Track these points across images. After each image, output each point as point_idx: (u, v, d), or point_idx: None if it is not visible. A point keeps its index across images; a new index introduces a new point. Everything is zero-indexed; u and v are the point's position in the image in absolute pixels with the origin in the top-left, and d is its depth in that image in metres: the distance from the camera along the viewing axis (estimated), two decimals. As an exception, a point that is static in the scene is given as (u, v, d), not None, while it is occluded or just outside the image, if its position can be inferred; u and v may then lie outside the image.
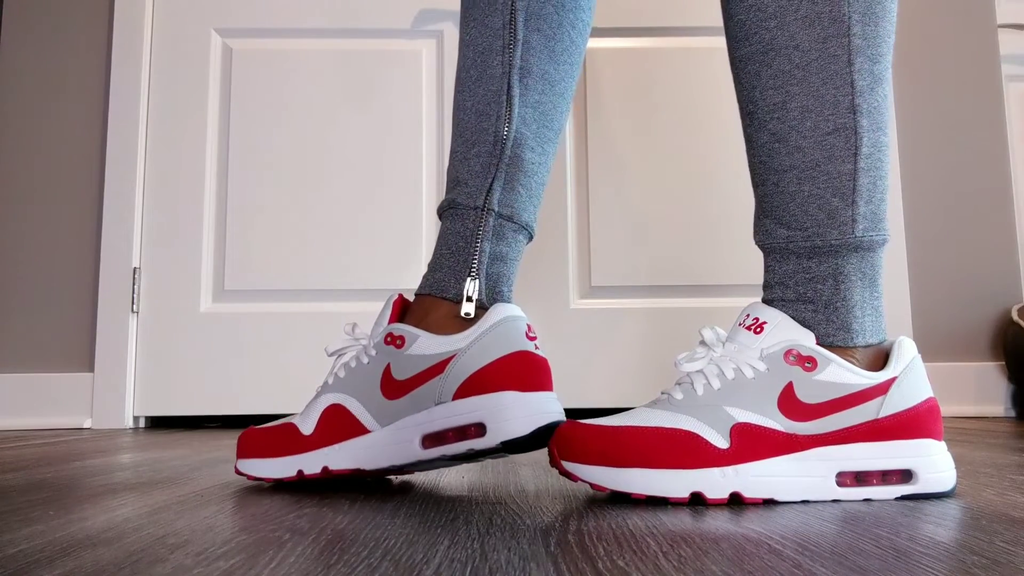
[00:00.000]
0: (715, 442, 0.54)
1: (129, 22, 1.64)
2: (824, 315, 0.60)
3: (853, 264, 0.61)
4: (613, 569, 0.36)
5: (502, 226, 0.66)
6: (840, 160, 0.61)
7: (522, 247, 0.69)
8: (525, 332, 0.61)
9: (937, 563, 0.36)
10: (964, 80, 1.69)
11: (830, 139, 0.61)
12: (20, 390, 1.55)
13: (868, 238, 0.61)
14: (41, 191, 1.62)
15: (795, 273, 0.62)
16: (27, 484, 0.67)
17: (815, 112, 0.62)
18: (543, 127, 0.70)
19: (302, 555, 0.39)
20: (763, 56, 0.64)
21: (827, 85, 0.62)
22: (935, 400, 0.59)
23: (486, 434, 0.58)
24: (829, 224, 0.61)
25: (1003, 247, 1.66)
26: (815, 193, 0.62)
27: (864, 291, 0.61)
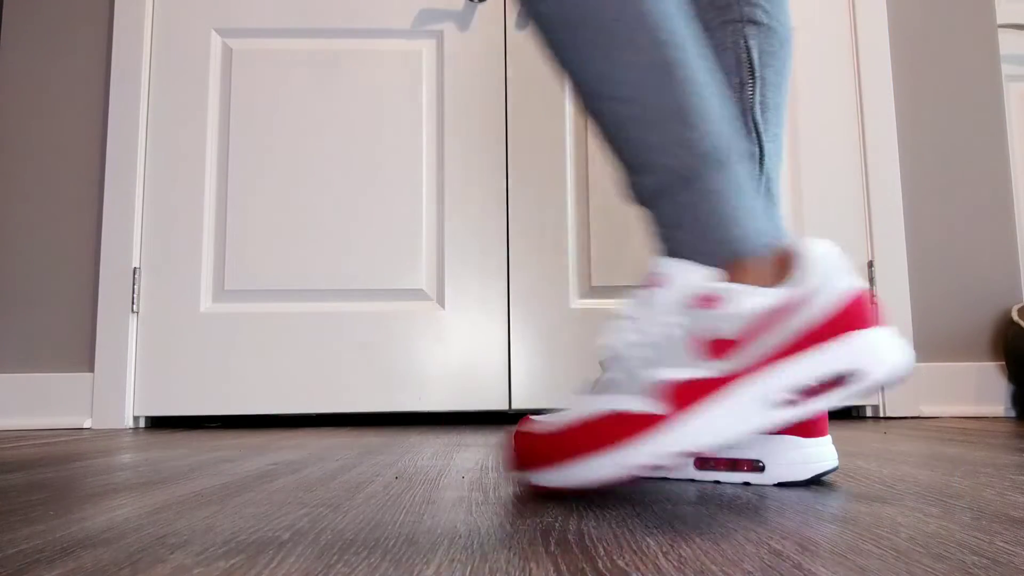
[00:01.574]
0: (647, 409, 0.53)
1: (129, 22, 1.64)
2: (703, 235, 0.58)
3: (713, 180, 0.58)
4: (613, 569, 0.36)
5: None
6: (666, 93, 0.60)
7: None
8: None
9: (937, 563, 0.36)
10: (964, 80, 1.69)
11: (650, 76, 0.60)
12: (20, 390, 1.55)
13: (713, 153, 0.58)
14: (41, 191, 1.62)
15: (668, 211, 0.60)
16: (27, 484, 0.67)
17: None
18: (779, 157, 0.73)
19: (302, 555, 0.39)
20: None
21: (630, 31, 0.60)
22: (856, 292, 0.53)
23: (764, 472, 0.61)
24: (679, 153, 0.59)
25: (1003, 247, 1.66)
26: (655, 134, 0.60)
27: (734, 201, 0.58)
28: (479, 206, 1.63)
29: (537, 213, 1.63)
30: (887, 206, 1.64)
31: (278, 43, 1.67)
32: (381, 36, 1.67)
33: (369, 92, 1.65)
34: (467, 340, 1.59)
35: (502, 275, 1.61)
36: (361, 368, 1.58)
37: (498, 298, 1.61)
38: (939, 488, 0.60)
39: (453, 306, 1.60)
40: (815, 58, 1.69)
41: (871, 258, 1.64)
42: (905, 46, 1.70)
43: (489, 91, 1.66)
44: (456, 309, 1.60)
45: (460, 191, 1.63)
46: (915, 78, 1.69)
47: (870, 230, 1.65)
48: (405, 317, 1.59)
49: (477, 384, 1.58)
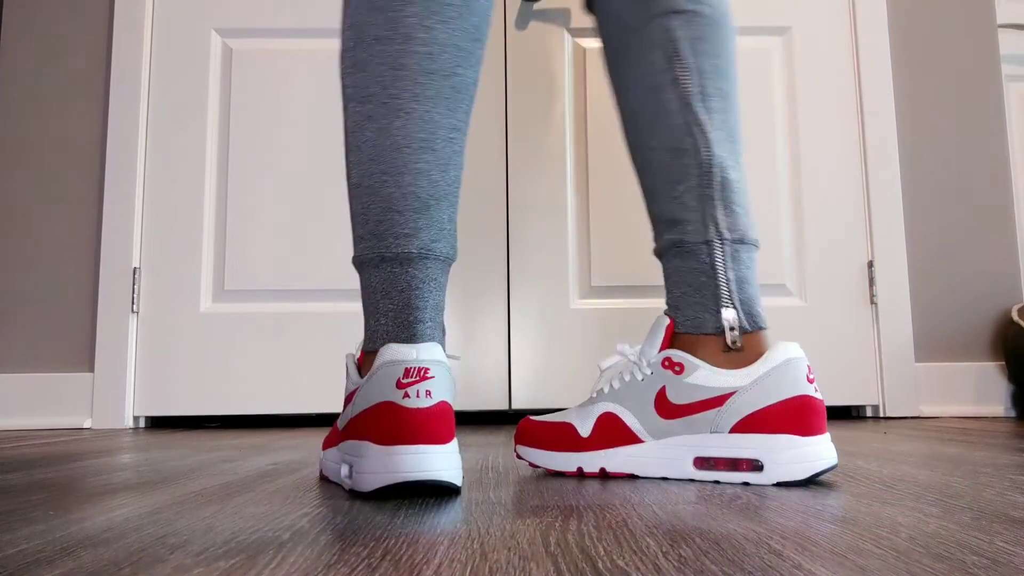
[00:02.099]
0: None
1: (129, 22, 1.64)
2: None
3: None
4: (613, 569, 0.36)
5: (737, 251, 0.69)
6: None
7: (756, 263, 0.72)
8: (806, 374, 0.64)
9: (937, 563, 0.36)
10: (964, 80, 1.69)
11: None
12: (20, 390, 1.55)
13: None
14: (41, 191, 1.62)
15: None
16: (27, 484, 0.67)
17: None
18: (733, 143, 0.73)
19: (302, 555, 0.39)
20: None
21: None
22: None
23: (763, 471, 0.63)
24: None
25: (1003, 247, 1.66)
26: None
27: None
28: (479, 206, 1.63)
29: (537, 213, 1.63)
30: (887, 206, 1.64)
31: (278, 43, 1.67)
32: (381, 36, 1.67)
33: (369, 92, 1.65)
34: (467, 340, 1.59)
35: (502, 275, 1.61)
36: (361, 368, 1.57)
37: (498, 298, 1.61)
38: (939, 488, 0.60)
39: (453, 306, 1.60)
40: (815, 58, 1.69)
41: (871, 258, 1.64)
42: (905, 46, 1.70)
43: (489, 91, 1.66)
44: (456, 309, 1.60)
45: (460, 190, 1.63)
46: (915, 78, 1.69)
47: (870, 230, 1.65)
48: (405, 317, 1.59)
49: (477, 384, 1.58)
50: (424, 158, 0.66)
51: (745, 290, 0.69)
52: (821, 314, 1.62)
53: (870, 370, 1.61)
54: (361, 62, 0.67)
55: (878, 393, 1.60)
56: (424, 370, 0.58)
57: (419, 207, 0.66)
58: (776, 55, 1.70)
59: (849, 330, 1.62)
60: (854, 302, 1.63)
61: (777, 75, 1.69)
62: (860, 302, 1.63)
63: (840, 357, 1.61)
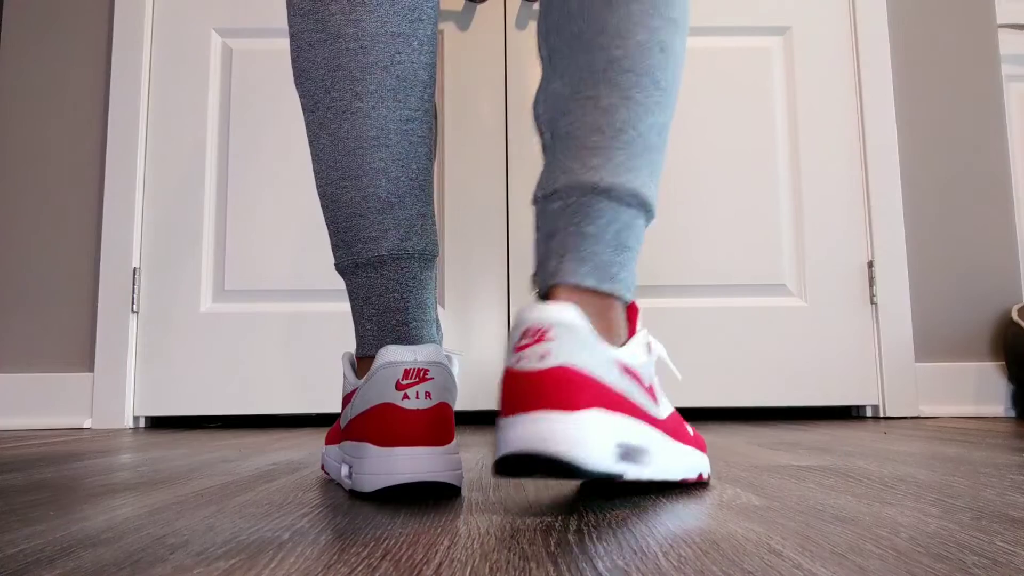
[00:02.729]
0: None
1: (129, 22, 1.64)
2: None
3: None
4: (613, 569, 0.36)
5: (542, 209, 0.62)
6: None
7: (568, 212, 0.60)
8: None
9: (937, 563, 0.36)
10: (964, 80, 1.69)
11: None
12: (20, 390, 1.55)
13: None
14: (41, 191, 1.62)
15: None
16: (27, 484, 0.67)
17: None
18: (577, 86, 0.64)
19: (302, 555, 0.39)
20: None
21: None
22: (378, 405, 0.58)
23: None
24: None
25: (1003, 247, 1.66)
26: None
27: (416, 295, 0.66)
28: (479, 205, 1.63)
29: (537, 213, 1.63)
30: (887, 206, 1.64)
31: (278, 43, 1.67)
32: (381, 36, 1.67)
33: (369, 92, 1.65)
34: (467, 340, 1.59)
35: (502, 275, 1.61)
36: (361, 368, 1.57)
37: (498, 298, 1.61)
38: (939, 488, 0.60)
39: (453, 306, 1.60)
40: (815, 58, 1.69)
41: (871, 258, 1.64)
42: (905, 46, 1.70)
43: (489, 90, 1.66)
44: (456, 309, 1.60)
45: (460, 190, 1.63)
46: (915, 78, 1.69)
47: (870, 230, 1.64)
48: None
49: (477, 384, 1.58)
50: (379, 156, 0.64)
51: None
52: (821, 314, 1.62)
53: (870, 370, 1.61)
54: (304, 70, 0.65)
55: (878, 393, 1.60)
56: (423, 371, 0.57)
57: (382, 207, 0.64)
58: (776, 55, 1.70)
59: (849, 330, 1.62)
60: (854, 302, 1.63)
61: (777, 75, 1.69)
62: (860, 302, 1.63)
63: (840, 357, 1.61)
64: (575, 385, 0.48)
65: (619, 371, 0.51)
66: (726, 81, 1.68)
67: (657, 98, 0.60)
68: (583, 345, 0.49)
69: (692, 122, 1.67)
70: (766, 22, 1.70)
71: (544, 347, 0.49)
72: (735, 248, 1.63)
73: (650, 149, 0.60)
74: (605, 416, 0.49)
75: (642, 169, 0.59)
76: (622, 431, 0.50)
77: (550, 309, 0.50)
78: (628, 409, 0.51)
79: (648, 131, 0.60)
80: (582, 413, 0.47)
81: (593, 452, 0.47)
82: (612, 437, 0.48)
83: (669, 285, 1.62)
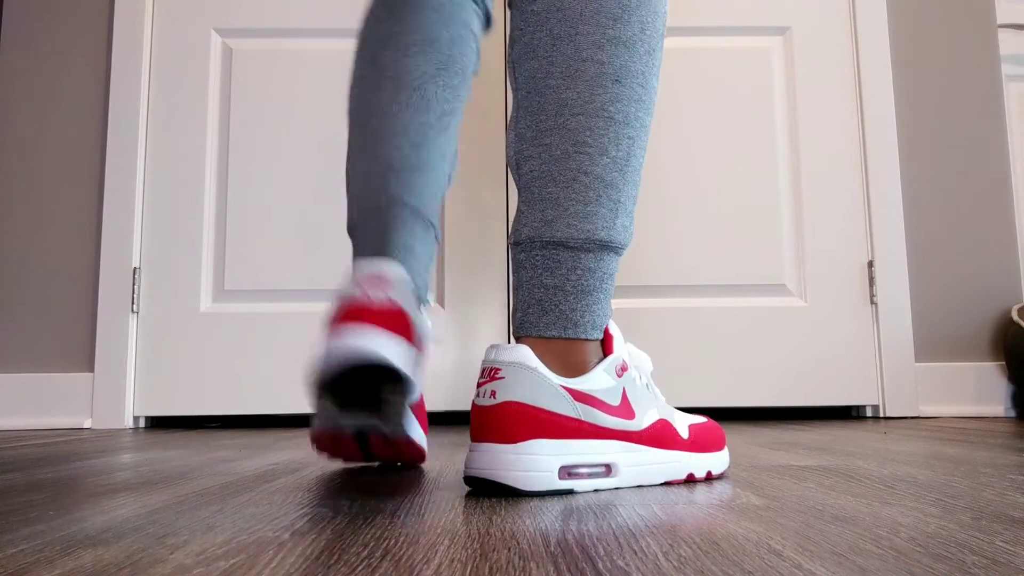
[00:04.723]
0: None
1: (129, 22, 1.64)
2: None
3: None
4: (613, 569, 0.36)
5: (515, 254, 0.68)
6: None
7: (557, 263, 0.64)
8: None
9: (937, 563, 0.36)
10: (964, 80, 1.69)
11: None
12: (20, 390, 1.55)
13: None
14: (41, 191, 1.62)
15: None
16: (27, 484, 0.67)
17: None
18: (539, 133, 0.69)
19: (302, 555, 0.39)
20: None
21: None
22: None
23: None
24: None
25: (1003, 247, 1.66)
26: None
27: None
28: (479, 205, 1.63)
29: (537, 213, 1.63)
30: (887, 206, 1.64)
31: (278, 43, 1.67)
32: (381, 36, 1.67)
33: (369, 92, 1.65)
34: (467, 340, 1.59)
35: (502, 275, 1.61)
36: (361, 368, 1.57)
37: (498, 298, 1.61)
38: (939, 488, 0.60)
39: (453, 306, 1.60)
40: (815, 58, 1.69)
41: (871, 258, 1.64)
42: (905, 46, 1.70)
43: (489, 90, 1.66)
44: (456, 309, 1.60)
45: (460, 190, 1.63)
46: (915, 78, 1.69)
47: (870, 230, 1.64)
48: (405, 317, 1.59)
49: (477, 384, 1.58)
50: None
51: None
52: (821, 314, 1.62)
53: (870, 370, 1.61)
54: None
55: (878, 393, 1.60)
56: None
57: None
58: (776, 55, 1.70)
59: (849, 330, 1.62)
60: (854, 302, 1.63)
61: (777, 75, 1.69)
62: (860, 302, 1.63)
63: (840, 357, 1.61)
64: (517, 419, 0.57)
65: (571, 400, 0.59)
66: (726, 81, 1.68)
67: (613, 133, 0.61)
68: (531, 382, 0.57)
69: (692, 122, 1.67)
70: (766, 22, 1.70)
71: (494, 385, 0.58)
72: (735, 248, 1.63)
73: (609, 186, 0.62)
74: (547, 444, 0.57)
75: (599, 211, 0.62)
76: (571, 454, 0.58)
77: (503, 351, 0.58)
78: (583, 433, 0.59)
79: (605, 171, 0.62)
80: (521, 444, 0.57)
81: (531, 476, 0.57)
82: (556, 460, 0.57)
83: (669, 285, 1.62)
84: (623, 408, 0.61)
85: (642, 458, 0.62)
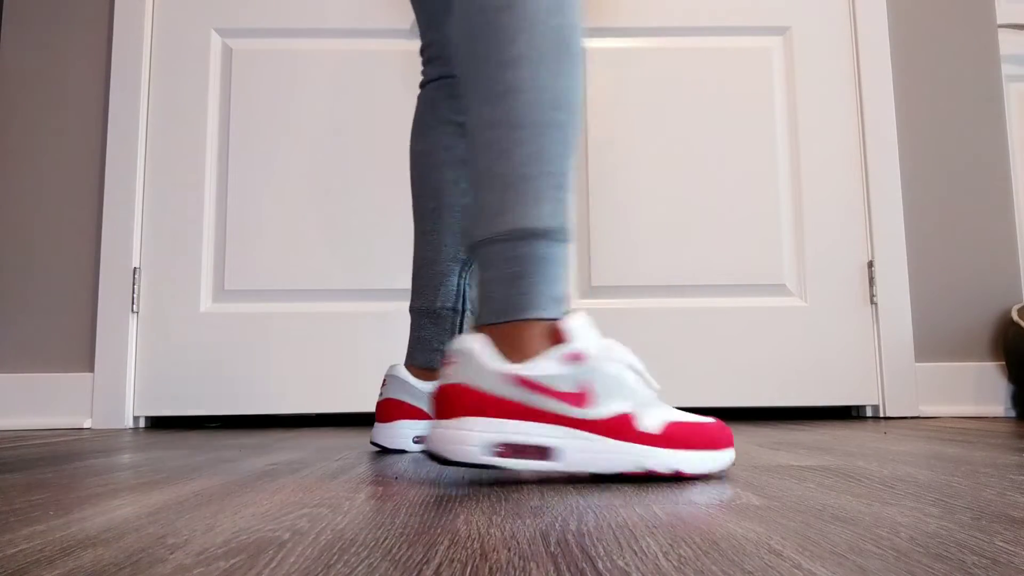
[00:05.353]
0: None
1: (129, 22, 1.64)
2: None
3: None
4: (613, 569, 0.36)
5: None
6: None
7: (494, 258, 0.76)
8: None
9: (937, 563, 0.36)
10: (964, 80, 1.69)
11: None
12: (20, 390, 1.55)
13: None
14: (41, 191, 1.62)
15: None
16: (27, 484, 0.67)
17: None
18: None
19: (302, 555, 0.39)
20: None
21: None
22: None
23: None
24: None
25: (1003, 247, 1.66)
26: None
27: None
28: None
29: (537, 213, 1.63)
30: (887, 206, 1.64)
31: (278, 43, 1.67)
32: (381, 36, 1.67)
33: (368, 92, 1.65)
34: (467, 340, 1.59)
35: (502, 275, 1.61)
36: (360, 368, 1.58)
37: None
38: (939, 488, 0.60)
39: (453, 306, 1.60)
40: (815, 58, 1.69)
41: (871, 258, 1.64)
42: (905, 46, 1.70)
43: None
44: (456, 309, 1.60)
45: (460, 191, 1.63)
46: (915, 78, 1.69)
47: (870, 230, 1.65)
48: (403, 317, 1.59)
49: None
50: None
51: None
52: (821, 314, 1.62)
53: (870, 370, 1.61)
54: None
55: (878, 393, 1.60)
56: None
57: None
58: (776, 55, 1.70)
59: (849, 330, 1.62)
60: (854, 302, 1.63)
61: (777, 75, 1.69)
62: (860, 302, 1.63)
63: (840, 357, 1.61)
64: (456, 398, 0.64)
65: (513, 384, 0.64)
66: (726, 81, 1.68)
67: (516, 137, 0.69)
68: (476, 367, 0.64)
69: (692, 122, 1.67)
70: (766, 22, 1.70)
71: (449, 370, 0.66)
72: (735, 248, 1.63)
73: (526, 179, 0.69)
74: (480, 421, 0.63)
75: (518, 204, 0.68)
76: (501, 432, 0.63)
77: (459, 340, 0.66)
78: (524, 415, 0.64)
79: (515, 169, 0.69)
80: (455, 420, 0.64)
81: (460, 449, 0.63)
82: (486, 437, 0.63)
83: (669, 285, 1.62)
84: (576, 396, 0.64)
85: (593, 446, 0.64)
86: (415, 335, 1.00)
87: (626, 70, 1.68)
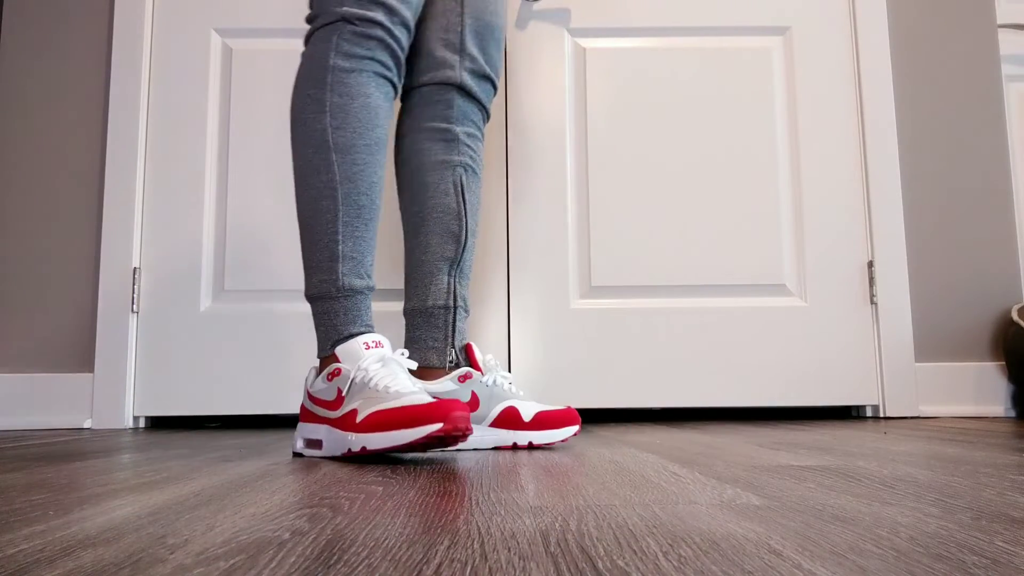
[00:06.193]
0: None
1: (129, 22, 1.64)
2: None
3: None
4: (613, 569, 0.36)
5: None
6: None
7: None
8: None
9: (937, 563, 0.36)
10: (964, 80, 1.69)
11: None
12: (20, 390, 1.55)
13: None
14: (42, 191, 1.62)
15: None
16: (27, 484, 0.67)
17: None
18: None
19: (302, 555, 0.39)
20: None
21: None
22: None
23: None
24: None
25: (1003, 247, 1.66)
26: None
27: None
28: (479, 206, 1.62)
29: (537, 213, 1.63)
30: (887, 206, 1.64)
31: (278, 43, 1.67)
32: (381, 36, 1.67)
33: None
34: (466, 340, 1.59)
35: (502, 275, 1.61)
36: (361, 368, 1.57)
37: (498, 298, 1.61)
38: (939, 488, 0.60)
39: (453, 306, 1.60)
40: (815, 58, 1.69)
41: (871, 258, 1.64)
42: (905, 46, 1.70)
43: (489, 91, 1.65)
44: (456, 309, 1.60)
45: (460, 191, 1.63)
46: (915, 78, 1.69)
47: (870, 230, 1.65)
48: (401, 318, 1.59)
49: (477, 384, 1.58)
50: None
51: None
52: (821, 314, 1.62)
53: (870, 370, 1.61)
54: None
55: (878, 393, 1.60)
56: None
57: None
58: (776, 55, 1.70)
59: (849, 330, 1.62)
60: (854, 302, 1.63)
61: (777, 75, 1.69)
62: (860, 302, 1.63)
63: (840, 357, 1.61)
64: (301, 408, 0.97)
65: (308, 399, 0.93)
66: (726, 81, 1.68)
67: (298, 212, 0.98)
68: (307, 387, 0.96)
69: (692, 122, 1.67)
70: (766, 22, 1.70)
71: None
72: (735, 248, 1.63)
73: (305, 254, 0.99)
74: (300, 425, 0.94)
75: (305, 275, 0.98)
76: (305, 431, 0.93)
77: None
78: (311, 419, 0.92)
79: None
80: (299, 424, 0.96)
81: (295, 442, 0.94)
82: (300, 434, 0.93)
83: (669, 285, 1.62)
84: (334, 402, 0.89)
85: (334, 436, 0.86)
86: (409, 335, 1.07)
87: (626, 70, 1.68)
